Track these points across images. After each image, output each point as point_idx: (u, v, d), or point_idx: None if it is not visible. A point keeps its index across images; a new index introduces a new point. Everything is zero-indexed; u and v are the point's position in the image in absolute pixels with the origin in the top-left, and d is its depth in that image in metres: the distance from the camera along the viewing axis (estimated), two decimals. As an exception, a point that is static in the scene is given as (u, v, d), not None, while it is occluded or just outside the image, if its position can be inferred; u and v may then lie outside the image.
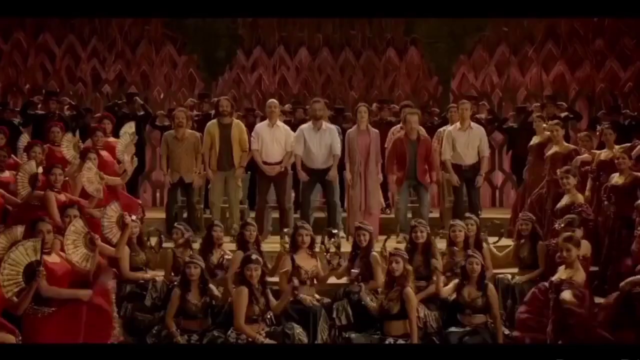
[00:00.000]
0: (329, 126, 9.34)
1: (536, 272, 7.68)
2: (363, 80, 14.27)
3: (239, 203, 9.48)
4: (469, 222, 7.86)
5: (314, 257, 7.38)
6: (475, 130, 9.54)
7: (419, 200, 9.26)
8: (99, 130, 8.98)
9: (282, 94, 13.64)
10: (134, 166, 8.62)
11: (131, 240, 7.61)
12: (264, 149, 9.32)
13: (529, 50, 14.28)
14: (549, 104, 11.72)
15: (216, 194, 9.35)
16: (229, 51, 14.18)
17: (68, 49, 14.10)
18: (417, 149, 9.18)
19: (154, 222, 9.79)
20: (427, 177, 9.27)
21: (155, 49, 14.25)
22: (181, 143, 9.36)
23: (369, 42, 14.58)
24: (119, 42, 14.20)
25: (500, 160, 13.30)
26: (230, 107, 9.37)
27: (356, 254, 7.45)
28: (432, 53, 14.23)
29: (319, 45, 14.63)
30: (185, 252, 7.72)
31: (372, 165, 9.21)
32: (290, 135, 9.36)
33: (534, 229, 7.92)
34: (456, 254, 7.55)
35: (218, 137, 9.27)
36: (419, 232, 7.40)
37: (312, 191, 9.28)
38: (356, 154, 9.14)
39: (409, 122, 9.18)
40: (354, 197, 9.04)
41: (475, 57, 14.35)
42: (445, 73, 14.08)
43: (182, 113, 9.46)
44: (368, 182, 9.10)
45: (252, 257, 6.82)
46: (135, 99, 11.56)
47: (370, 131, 9.32)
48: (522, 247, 7.94)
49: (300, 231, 7.30)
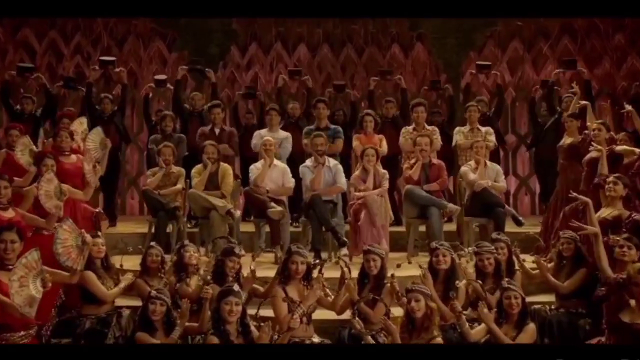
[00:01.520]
0: (331, 162, 7.79)
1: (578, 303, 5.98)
2: (366, 78, 12.46)
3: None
4: (498, 245, 6.15)
5: (311, 290, 5.57)
6: (490, 168, 7.92)
7: (429, 212, 7.53)
8: (63, 130, 7.28)
9: (284, 96, 11.82)
10: (97, 176, 6.86)
11: (92, 264, 5.92)
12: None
13: (544, 47, 12.56)
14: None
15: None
16: (222, 47, 12.42)
17: (49, 45, 12.36)
18: (430, 173, 7.73)
19: (133, 238, 8.11)
20: (435, 185, 7.65)
21: (143, 45, 12.49)
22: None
23: (372, 38, 12.83)
24: (105, 38, 12.45)
25: (514, 164, 11.62)
26: (216, 154, 7.76)
27: (364, 283, 5.73)
28: (440, 49, 12.48)
29: (319, 41, 12.90)
30: (156, 280, 6.03)
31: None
32: (287, 173, 7.87)
33: (577, 251, 6.20)
34: (485, 284, 5.83)
35: (203, 184, 7.72)
36: (441, 257, 5.68)
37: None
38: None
39: (420, 144, 7.73)
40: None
41: (485, 53, 12.59)
42: (454, 70, 12.32)
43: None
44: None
45: (232, 289, 5.09)
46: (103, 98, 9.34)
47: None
48: (562, 271, 6.23)
49: (295, 258, 5.54)
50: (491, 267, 5.84)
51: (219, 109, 8.40)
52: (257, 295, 5.76)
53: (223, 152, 8.00)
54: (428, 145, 7.65)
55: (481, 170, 7.63)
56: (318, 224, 7.34)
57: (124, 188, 11.16)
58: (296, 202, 8.28)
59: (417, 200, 7.49)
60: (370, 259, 5.64)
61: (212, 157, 7.68)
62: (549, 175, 9.49)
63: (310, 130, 8.31)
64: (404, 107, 9.36)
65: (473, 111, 8.30)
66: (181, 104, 9.03)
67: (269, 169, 7.67)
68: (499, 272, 5.84)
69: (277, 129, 8.48)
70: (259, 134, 8.28)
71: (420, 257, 7.88)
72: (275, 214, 7.35)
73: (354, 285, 5.58)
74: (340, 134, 8.42)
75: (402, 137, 8.32)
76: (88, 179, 6.70)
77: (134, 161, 11.53)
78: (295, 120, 9.10)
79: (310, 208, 7.36)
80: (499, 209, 7.41)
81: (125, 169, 11.50)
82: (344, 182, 7.66)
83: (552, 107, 9.13)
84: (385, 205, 7.37)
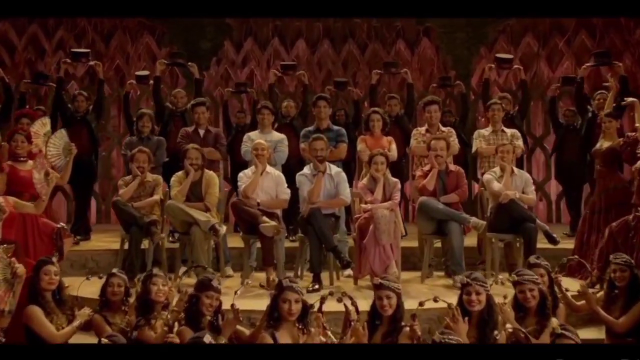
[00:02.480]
0: (333, 169, 6.32)
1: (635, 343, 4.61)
2: (369, 76, 11.07)
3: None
4: (537, 272, 4.76)
5: (308, 335, 4.12)
6: (518, 176, 6.45)
7: (447, 228, 6.11)
8: (19, 133, 5.90)
9: (277, 92, 10.38)
10: (52, 185, 5.42)
11: (41, 297, 4.54)
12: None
13: (560, 42, 11.15)
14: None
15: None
16: (214, 42, 11.01)
17: (30, 40, 10.97)
18: (447, 182, 6.28)
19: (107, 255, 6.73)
20: (454, 196, 6.23)
21: (131, 40, 11.11)
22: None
23: (375, 32, 11.44)
24: (90, 33, 11.06)
25: (529, 168, 10.19)
26: (200, 159, 6.31)
27: (375, 325, 4.31)
28: (449, 44, 11.07)
29: (319, 36, 11.51)
30: (118, 316, 4.66)
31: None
32: (282, 183, 6.40)
33: (633, 279, 4.82)
34: (525, 323, 4.43)
35: (184, 195, 6.28)
36: (474, 295, 4.24)
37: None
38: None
39: (435, 149, 6.28)
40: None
41: (497, 49, 11.19)
42: (465, 67, 10.91)
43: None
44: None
45: (204, 338, 3.70)
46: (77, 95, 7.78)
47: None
48: (615, 303, 4.85)
49: (287, 295, 4.10)
50: (535, 302, 4.44)
51: (204, 107, 6.92)
52: (241, 340, 4.35)
53: (208, 157, 6.56)
54: (444, 150, 6.26)
55: (507, 178, 6.22)
56: (317, 243, 5.94)
57: (109, 195, 9.75)
58: (292, 214, 6.89)
59: (433, 214, 6.08)
60: (383, 296, 4.22)
61: (195, 163, 6.28)
62: (574, 181, 8.17)
63: (308, 132, 6.85)
64: (410, 105, 7.95)
65: (497, 110, 6.82)
66: (162, 102, 7.59)
67: (261, 178, 6.27)
68: (544, 307, 4.44)
69: (270, 130, 7.04)
70: (249, 137, 6.82)
71: (435, 278, 6.52)
72: (268, 229, 5.96)
73: (363, 329, 4.17)
74: (343, 137, 6.96)
75: (414, 140, 6.87)
76: (38, 189, 5.28)
77: (120, 165, 10.15)
78: (290, 120, 7.70)
79: (309, 224, 5.96)
80: (529, 224, 6.00)
81: (111, 173, 10.18)
82: (347, 193, 6.24)
83: (581, 106, 7.72)
84: (396, 220, 5.97)
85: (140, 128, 6.91)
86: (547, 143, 9.93)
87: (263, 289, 5.90)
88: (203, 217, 6.07)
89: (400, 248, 6.06)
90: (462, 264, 6.01)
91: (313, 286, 5.82)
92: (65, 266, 6.68)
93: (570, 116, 8.25)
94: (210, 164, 6.60)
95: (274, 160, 6.69)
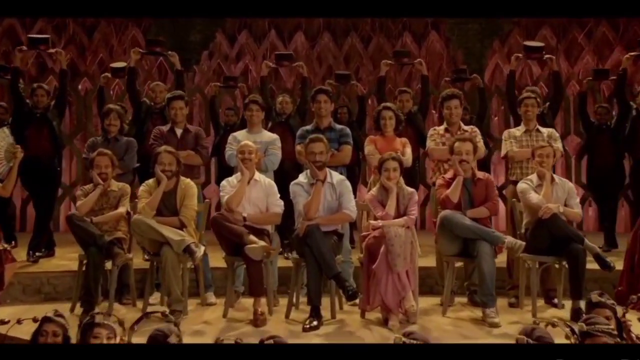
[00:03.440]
0: (335, 177, 4.88)
1: None
2: (373, 72, 9.75)
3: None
4: (602, 313, 3.42)
5: None
6: (560, 186, 5.03)
7: (476, 248, 4.71)
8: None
9: (274, 89, 9.02)
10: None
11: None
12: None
13: (579, 36, 9.79)
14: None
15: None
16: (205, 34, 9.67)
17: (5, 32, 9.62)
18: (474, 193, 4.88)
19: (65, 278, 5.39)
20: (483, 210, 4.84)
21: (115, 32, 9.75)
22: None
23: (380, 25, 10.11)
24: (71, 25, 9.71)
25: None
26: (175, 165, 4.93)
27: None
28: (461, 37, 9.71)
29: (319, 29, 10.18)
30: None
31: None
32: (274, 194, 4.99)
33: None
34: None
35: (154, 208, 4.86)
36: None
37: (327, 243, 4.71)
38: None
39: (459, 152, 4.89)
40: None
41: (511, 43, 9.85)
42: (477, 62, 9.55)
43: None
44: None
45: None
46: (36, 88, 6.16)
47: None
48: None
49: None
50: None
51: (181, 101, 5.45)
52: None
53: (185, 161, 5.17)
54: (470, 154, 4.88)
55: (548, 188, 4.84)
56: (316, 269, 4.57)
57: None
58: (287, 227, 5.53)
59: (459, 231, 4.70)
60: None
61: (168, 169, 4.90)
62: (608, 189, 6.81)
63: (306, 131, 5.39)
64: (424, 100, 6.57)
65: (531, 105, 5.35)
66: (137, 97, 6.17)
67: (248, 187, 4.89)
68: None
69: (260, 129, 5.59)
70: (235, 138, 5.38)
71: (457, 307, 5.17)
72: (256, 252, 4.60)
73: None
74: (347, 137, 5.45)
75: (431, 142, 5.43)
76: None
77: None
78: (285, 118, 6.31)
79: (305, 244, 4.59)
80: (576, 246, 4.63)
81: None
82: (353, 206, 4.83)
83: (623, 102, 6.36)
84: (413, 240, 4.60)
85: (107, 127, 5.49)
86: (566, 144, 8.56)
87: (250, 325, 4.55)
88: (176, 235, 4.70)
89: (417, 274, 4.68)
90: (493, 294, 4.66)
91: (310, 322, 4.47)
92: (17, 291, 5.38)
93: (603, 114, 6.89)
94: (188, 171, 5.22)
95: (265, 165, 5.30)
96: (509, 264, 5.36)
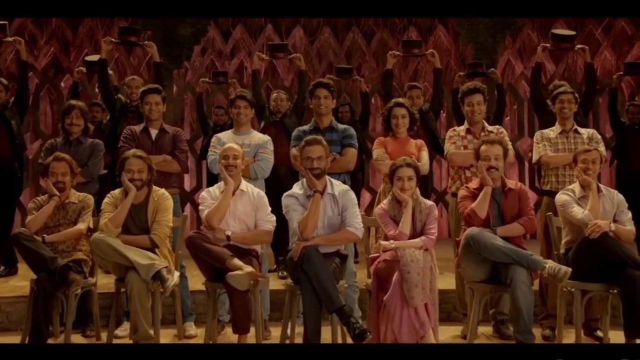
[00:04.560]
0: (336, 187, 3.86)
1: None
2: (376, 69, 8.77)
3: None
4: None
5: None
6: (607, 198, 3.99)
7: (510, 274, 3.69)
8: None
9: (270, 87, 8.00)
10: None
11: None
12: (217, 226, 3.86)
13: (596, 31, 8.80)
14: None
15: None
16: (196, 28, 8.66)
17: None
18: (504, 206, 3.87)
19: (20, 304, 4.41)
20: (517, 227, 3.82)
21: (101, 26, 8.75)
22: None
23: (383, 19, 9.07)
24: (54, 18, 8.70)
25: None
26: (146, 172, 3.94)
27: None
28: (471, 31, 8.70)
29: (319, 23, 9.17)
30: None
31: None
32: (264, 207, 3.97)
33: None
34: None
35: (119, 224, 3.86)
36: None
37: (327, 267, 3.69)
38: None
39: (487, 157, 3.91)
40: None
41: (523, 37, 8.85)
42: (489, 57, 8.53)
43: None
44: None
45: None
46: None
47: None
48: None
49: None
50: None
51: (157, 95, 4.34)
52: None
53: (160, 168, 4.16)
54: (500, 159, 3.88)
55: (595, 200, 3.83)
56: (314, 300, 3.55)
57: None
58: (283, 242, 4.53)
59: (488, 254, 3.68)
60: None
61: (137, 177, 3.90)
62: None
63: (303, 132, 4.36)
64: (437, 97, 5.56)
65: (568, 102, 4.28)
66: (110, 93, 5.14)
67: (233, 199, 3.88)
68: None
69: (249, 129, 4.48)
70: (218, 140, 4.34)
71: (481, 339, 4.18)
72: (241, 280, 3.59)
73: None
74: (352, 139, 4.34)
75: (451, 145, 4.36)
76: None
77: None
78: (280, 117, 5.27)
79: (301, 270, 3.58)
80: (632, 272, 3.62)
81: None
82: (359, 223, 3.79)
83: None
84: (432, 265, 3.59)
85: (68, 127, 4.45)
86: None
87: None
88: (144, 259, 3.69)
89: (437, 306, 3.67)
90: (531, 331, 3.66)
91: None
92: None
93: (636, 113, 5.90)
94: (163, 179, 4.21)
95: (254, 172, 4.28)
96: (542, 289, 4.35)
